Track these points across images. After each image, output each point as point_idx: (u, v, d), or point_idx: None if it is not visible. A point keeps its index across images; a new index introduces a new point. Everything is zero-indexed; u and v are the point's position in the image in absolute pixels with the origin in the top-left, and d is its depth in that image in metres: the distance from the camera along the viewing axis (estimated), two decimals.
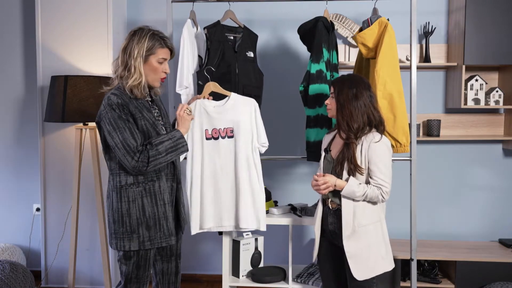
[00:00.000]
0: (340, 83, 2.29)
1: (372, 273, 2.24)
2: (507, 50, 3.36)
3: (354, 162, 2.21)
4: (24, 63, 3.88)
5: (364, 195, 2.21)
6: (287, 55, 3.74)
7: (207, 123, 2.60)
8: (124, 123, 2.09)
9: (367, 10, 3.10)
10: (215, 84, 2.64)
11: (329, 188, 2.24)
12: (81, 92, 3.08)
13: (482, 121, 3.67)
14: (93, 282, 3.62)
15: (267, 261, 3.49)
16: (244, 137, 2.60)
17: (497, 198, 3.73)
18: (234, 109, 2.60)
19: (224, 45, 2.87)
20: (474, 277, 3.29)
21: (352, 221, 2.24)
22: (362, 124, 2.23)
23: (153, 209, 2.19)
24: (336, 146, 2.36)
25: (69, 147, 3.56)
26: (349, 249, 2.24)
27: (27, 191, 3.91)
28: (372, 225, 2.26)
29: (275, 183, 3.79)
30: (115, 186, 2.18)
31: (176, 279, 2.43)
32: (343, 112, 2.24)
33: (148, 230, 2.17)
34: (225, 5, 3.06)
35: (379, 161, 2.21)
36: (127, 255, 2.19)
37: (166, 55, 2.22)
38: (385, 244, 2.30)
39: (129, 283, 2.22)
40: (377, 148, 2.21)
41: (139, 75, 2.14)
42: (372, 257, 2.24)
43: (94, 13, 3.52)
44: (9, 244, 3.72)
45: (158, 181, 2.21)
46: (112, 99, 2.11)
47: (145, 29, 2.19)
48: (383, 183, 2.21)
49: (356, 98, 2.23)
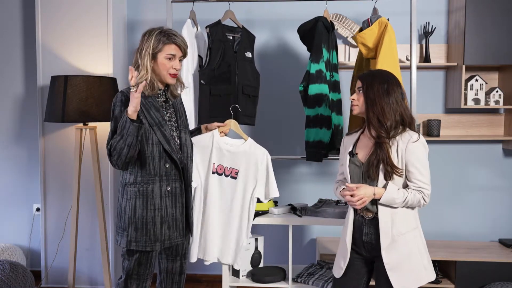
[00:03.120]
0: (370, 77, 2.10)
1: (415, 284, 2.07)
2: (507, 50, 3.36)
3: (391, 163, 2.02)
4: (24, 63, 3.88)
5: (405, 201, 2.04)
6: (287, 55, 3.74)
7: (216, 158, 2.59)
8: (114, 122, 2.16)
9: (367, 10, 3.10)
10: (235, 123, 2.63)
11: (366, 202, 2.05)
12: (81, 92, 3.08)
13: (482, 121, 3.67)
14: (93, 282, 3.62)
15: (267, 261, 3.49)
16: (246, 183, 2.61)
17: (497, 198, 3.73)
18: (246, 154, 2.59)
19: (225, 45, 2.88)
20: (474, 277, 3.29)
21: (390, 229, 2.06)
22: (395, 123, 2.05)
23: (143, 212, 2.20)
24: (363, 148, 2.16)
25: (69, 147, 3.56)
26: (388, 261, 2.05)
27: (27, 191, 3.91)
28: (411, 232, 2.09)
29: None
30: (122, 182, 2.26)
31: (180, 279, 2.44)
32: (374, 108, 2.04)
33: (136, 231, 2.20)
34: (225, 5, 3.06)
35: (418, 162, 2.04)
36: (130, 252, 2.22)
37: (174, 51, 2.22)
38: (426, 252, 2.13)
39: (130, 279, 2.25)
40: (416, 149, 2.04)
41: (146, 71, 2.18)
42: (414, 266, 2.08)
43: (94, 13, 3.51)
44: (9, 244, 3.72)
45: (152, 185, 2.20)
46: (118, 96, 2.19)
47: (154, 28, 2.24)
48: (424, 185, 2.05)
49: (388, 94, 2.05)
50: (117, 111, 2.17)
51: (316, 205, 2.97)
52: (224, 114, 2.87)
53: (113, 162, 2.16)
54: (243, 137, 2.63)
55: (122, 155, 2.11)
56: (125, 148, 2.09)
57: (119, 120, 2.13)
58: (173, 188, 2.27)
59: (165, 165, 2.23)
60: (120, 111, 2.15)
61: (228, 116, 2.68)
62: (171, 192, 2.27)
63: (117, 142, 2.09)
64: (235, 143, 2.61)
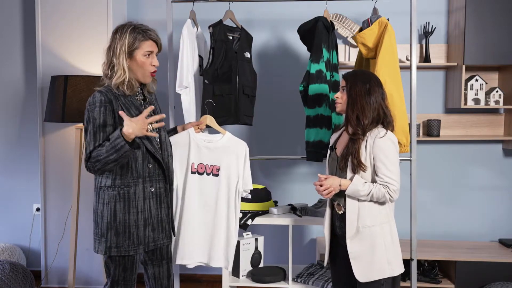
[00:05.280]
0: (353, 77, 2.21)
1: (375, 276, 2.16)
2: (507, 50, 3.36)
3: (357, 157, 2.14)
4: (24, 63, 3.88)
5: (369, 194, 2.13)
6: (287, 55, 3.74)
7: (195, 156, 2.51)
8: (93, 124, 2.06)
9: (367, 10, 3.10)
10: (211, 118, 2.59)
11: (332, 192, 2.18)
12: (81, 92, 3.08)
13: (482, 121, 3.67)
14: (93, 282, 3.62)
15: (267, 261, 3.49)
16: (229, 179, 2.52)
17: (497, 198, 3.73)
18: (226, 149, 2.52)
19: (226, 45, 2.88)
20: (474, 277, 3.29)
21: (356, 221, 2.17)
22: (371, 120, 2.16)
23: (124, 216, 2.11)
24: (341, 143, 2.30)
25: (69, 147, 3.56)
26: (352, 250, 2.18)
27: (27, 191, 3.91)
28: (379, 226, 2.18)
29: (275, 183, 3.79)
30: (96, 186, 2.16)
31: (169, 283, 2.36)
32: (355, 107, 2.16)
33: (117, 236, 2.10)
34: (225, 5, 3.06)
35: (385, 158, 2.12)
36: (113, 258, 2.14)
37: (152, 48, 2.15)
38: (394, 246, 2.20)
39: (116, 285, 2.17)
40: (382, 144, 2.13)
41: (123, 71, 2.10)
42: (376, 259, 2.16)
43: (94, 13, 3.51)
44: (9, 244, 3.72)
45: (134, 187, 2.12)
46: (96, 97, 2.09)
47: (126, 24, 2.15)
48: (389, 180, 2.12)
49: (369, 93, 2.16)
50: (96, 113, 2.06)
51: (316, 205, 2.97)
52: (226, 114, 2.86)
53: (90, 168, 2.05)
54: (221, 131, 2.57)
55: (105, 168, 2.03)
56: (111, 164, 2.01)
57: (98, 122, 2.05)
58: (157, 188, 2.20)
59: (148, 165, 2.15)
60: (100, 112, 2.06)
61: (230, 116, 2.67)
62: (155, 193, 2.19)
63: (104, 157, 1.99)
64: (213, 139, 2.54)
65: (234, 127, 3.44)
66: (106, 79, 2.17)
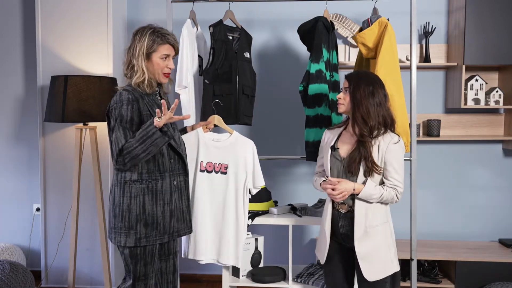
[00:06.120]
0: (357, 78, 2.22)
1: (383, 274, 2.22)
2: (507, 50, 3.36)
3: (372, 160, 2.17)
4: (24, 63, 3.88)
5: (380, 197, 2.19)
6: (286, 55, 3.74)
7: (204, 155, 2.61)
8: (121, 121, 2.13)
9: (367, 10, 3.10)
10: (219, 118, 2.67)
11: (346, 196, 2.20)
12: (81, 92, 3.08)
13: (482, 121, 3.67)
14: (93, 282, 3.62)
15: (267, 261, 3.49)
16: (237, 176, 2.63)
17: (497, 198, 3.73)
18: (233, 147, 2.62)
19: (226, 45, 2.88)
20: (474, 277, 3.29)
21: (364, 222, 2.21)
22: (377, 123, 2.18)
23: (153, 208, 2.21)
24: (345, 143, 2.29)
25: (69, 147, 3.56)
26: (360, 250, 2.21)
27: (27, 191, 3.91)
28: (381, 226, 2.24)
29: (275, 183, 3.79)
30: (119, 181, 2.21)
31: (174, 278, 2.45)
32: (360, 108, 2.17)
33: (146, 227, 2.20)
34: (225, 5, 3.06)
35: (396, 162, 2.19)
36: (133, 254, 2.21)
37: (169, 51, 2.25)
38: (393, 245, 2.29)
39: (138, 281, 2.24)
40: (396, 149, 2.19)
41: (142, 72, 2.20)
42: (382, 258, 2.23)
43: (94, 13, 3.51)
44: (9, 244, 3.72)
45: (161, 181, 2.23)
46: (123, 95, 2.17)
47: (146, 27, 2.25)
48: (398, 184, 2.21)
49: (373, 95, 2.18)
50: (123, 110, 2.13)
51: (316, 205, 2.97)
52: (227, 114, 2.87)
53: (120, 162, 2.12)
54: (228, 131, 2.66)
55: (136, 160, 2.11)
56: (142, 154, 2.09)
57: (126, 118, 2.12)
58: (179, 182, 2.32)
59: (171, 160, 2.26)
60: (127, 110, 2.13)
61: (230, 116, 2.68)
62: (178, 186, 2.31)
63: (135, 148, 2.07)
64: (221, 138, 2.64)
65: (234, 127, 3.44)
66: (126, 78, 2.26)
